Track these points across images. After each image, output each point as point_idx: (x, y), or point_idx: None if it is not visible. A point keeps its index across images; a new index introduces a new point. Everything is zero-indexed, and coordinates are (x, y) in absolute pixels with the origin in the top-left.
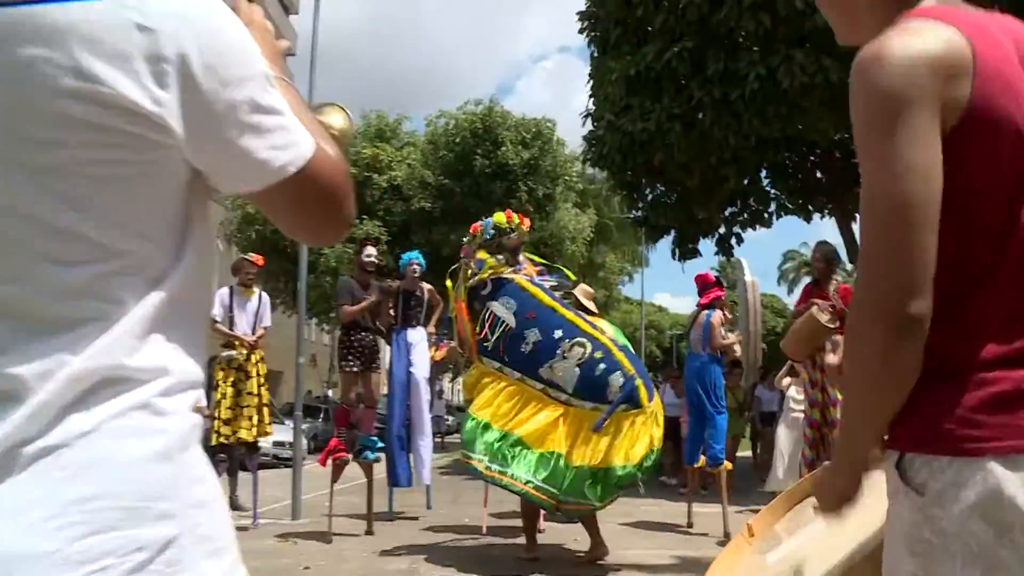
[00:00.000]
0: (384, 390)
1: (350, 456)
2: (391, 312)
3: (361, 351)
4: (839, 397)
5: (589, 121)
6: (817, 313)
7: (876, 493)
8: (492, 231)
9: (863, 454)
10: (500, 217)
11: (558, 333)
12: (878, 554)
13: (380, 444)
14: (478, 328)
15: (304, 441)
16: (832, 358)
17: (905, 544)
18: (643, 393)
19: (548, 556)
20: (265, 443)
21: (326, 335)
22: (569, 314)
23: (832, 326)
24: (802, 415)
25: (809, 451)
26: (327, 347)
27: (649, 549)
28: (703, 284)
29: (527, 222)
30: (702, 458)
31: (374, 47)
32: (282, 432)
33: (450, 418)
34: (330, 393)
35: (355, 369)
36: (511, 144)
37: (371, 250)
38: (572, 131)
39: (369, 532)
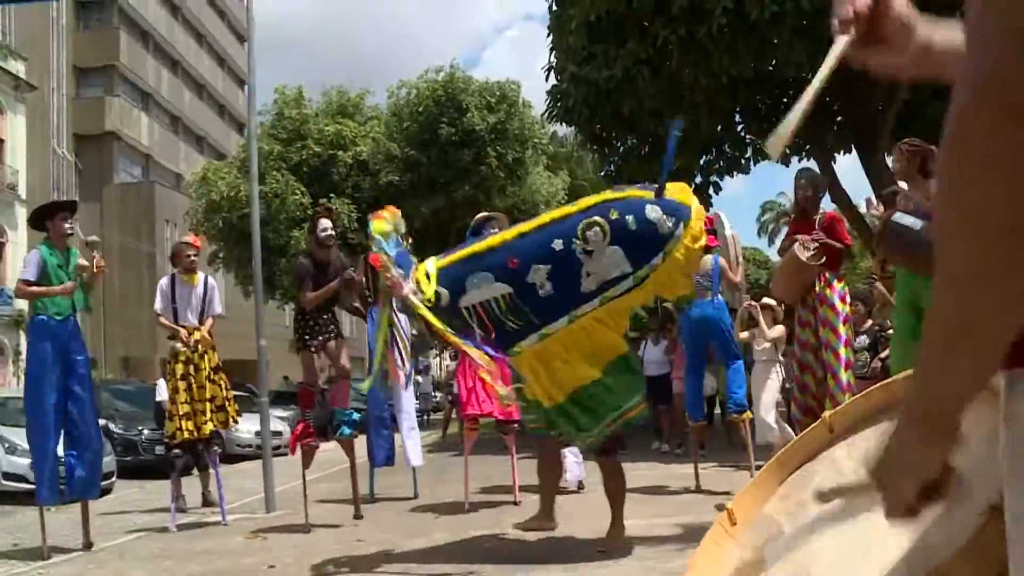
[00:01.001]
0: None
1: (317, 442)
2: (366, 290)
3: (319, 328)
4: (831, 339)
5: (552, 76)
6: (799, 250)
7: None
8: (393, 239)
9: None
10: (380, 224)
11: (557, 244)
12: (975, 558)
13: (356, 417)
14: (479, 332)
15: (284, 428)
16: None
17: None
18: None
19: (535, 532)
20: (247, 434)
21: None
22: (542, 220)
23: (815, 262)
24: (762, 364)
25: (800, 396)
26: None
27: (651, 518)
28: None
29: (393, 209)
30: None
31: (335, 27)
32: (272, 422)
33: (437, 395)
34: (300, 381)
35: (314, 347)
36: (476, 110)
37: (325, 222)
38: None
39: (357, 516)
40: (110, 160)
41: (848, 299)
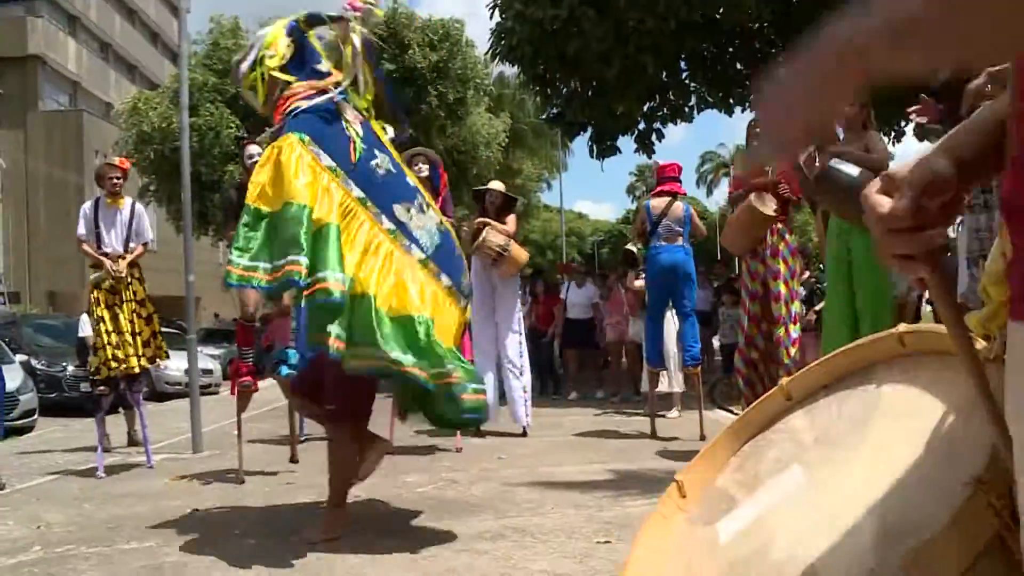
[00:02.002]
0: None
1: (252, 382)
2: None
3: None
4: (783, 291)
5: (496, 13)
6: (756, 202)
7: (907, 419)
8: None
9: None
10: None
11: (410, 180)
12: (963, 528)
13: (298, 357)
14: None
15: (215, 366)
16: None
17: None
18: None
19: (471, 479)
20: (177, 372)
21: None
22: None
23: (776, 215)
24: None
25: (746, 348)
26: None
27: (586, 464)
28: (673, 174)
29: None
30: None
31: None
32: (201, 360)
33: None
34: (237, 317)
35: None
36: (418, 47)
37: (253, 148)
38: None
39: (293, 460)
40: (35, 85)
41: (796, 253)
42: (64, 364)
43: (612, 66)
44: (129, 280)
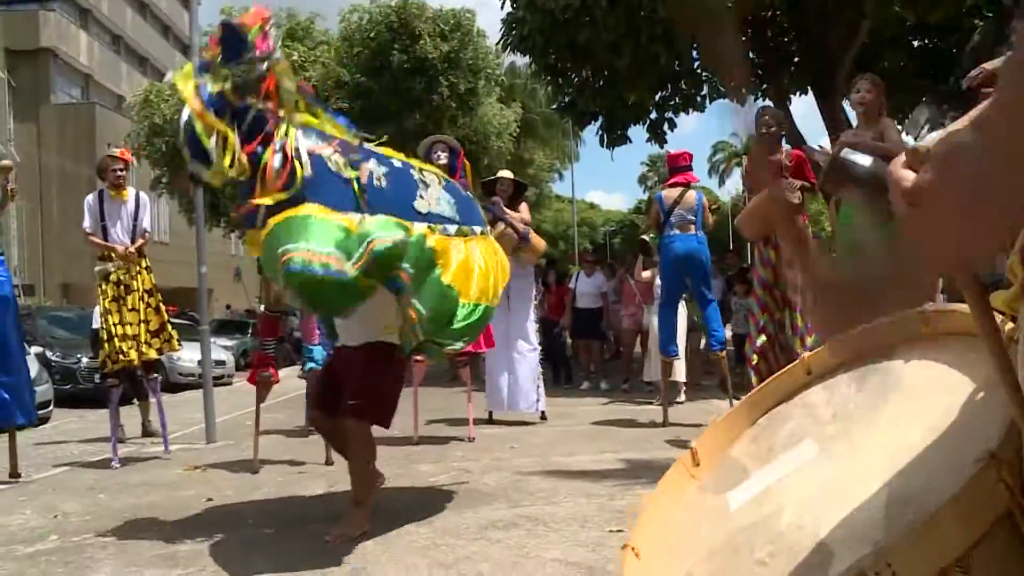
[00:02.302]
0: None
1: (273, 373)
2: None
3: None
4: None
5: (508, 2)
6: (787, 193)
7: (925, 397)
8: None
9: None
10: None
11: (396, 162)
12: (970, 505)
13: (324, 354)
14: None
15: (227, 357)
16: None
17: None
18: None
19: (483, 468)
20: (190, 363)
21: None
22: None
23: (798, 201)
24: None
25: (756, 336)
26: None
27: (599, 453)
28: (685, 163)
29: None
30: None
31: None
32: (213, 351)
33: None
34: (263, 307)
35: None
36: (429, 37)
37: None
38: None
39: (328, 462)
40: (47, 79)
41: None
42: (78, 356)
43: (623, 56)
44: (137, 271)
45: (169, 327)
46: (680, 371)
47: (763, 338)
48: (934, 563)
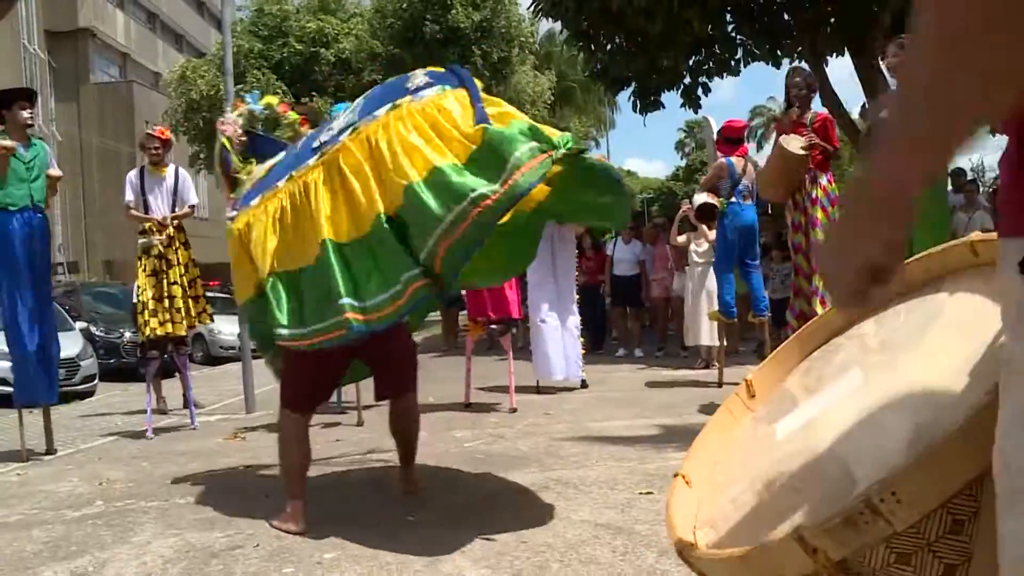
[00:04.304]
0: None
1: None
2: None
3: None
4: (818, 239)
5: None
6: (785, 142)
7: (964, 328)
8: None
9: (921, 173)
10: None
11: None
12: (976, 437)
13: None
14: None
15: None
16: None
17: None
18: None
19: (517, 434)
20: (230, 336)
21: None
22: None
23: (803, 152)
24: (702, 267)
25: (794, 300)
26: None
27: (632, 419)
28: (743, 134)
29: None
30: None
31: None
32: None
33: None
34: None
35: None
36: (461, 7)
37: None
38: None
39: (360, 423)
40: (85, 59)
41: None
42: (121, 331)
43: (656, 21)
44: (176, 245)
45: (204, 300)
46: (712, 336)
47: (802, 302)
48: (940, 492)
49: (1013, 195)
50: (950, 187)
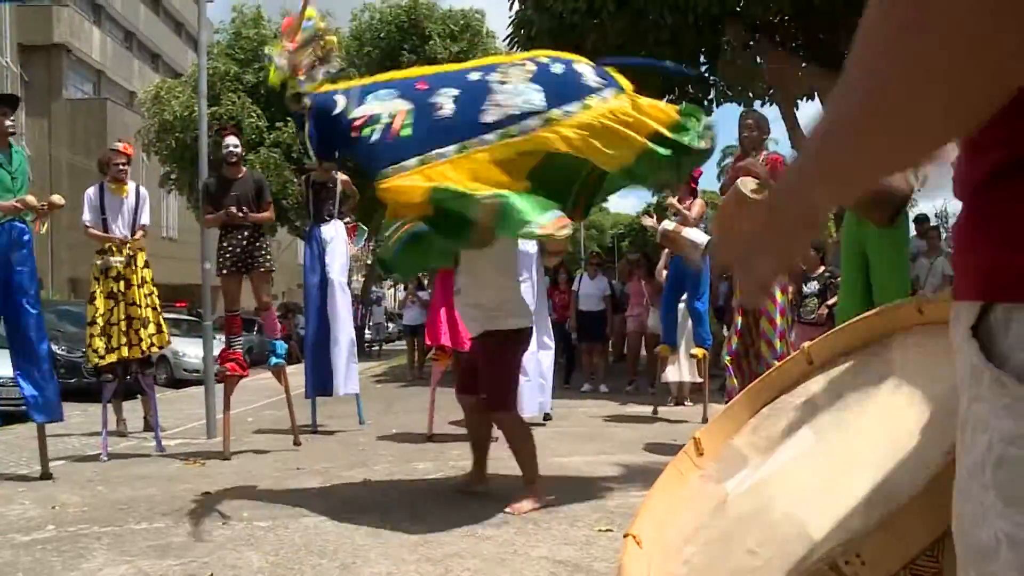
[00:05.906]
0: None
1: (229, 368)
2: (309, 206)
3: (234, 253)
4: (768, 306)
5: (516, 2)
6: (741, 184)
7: (913, 386)
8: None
9: (852, 187)
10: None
11: (474, 75)
12: (936, 498)
13: (284, 347)
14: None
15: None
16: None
17: (993, 474)
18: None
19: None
20: (195, 359)
21: None
22: (468, 64)
23: (758, 196)
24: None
25: (735, 340)
26: None
27: (596, 455)
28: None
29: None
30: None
31: None
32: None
33: (391, 325)
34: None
35: (225, 272)
36: (439, 38)
37: (230, 139)
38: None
39: (296, 444)
40: (59, 74)
41: None
42: (83, 350)
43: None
44: (138, 266)
45: (162, 321)
46: (686, 372)
47: (735, 340)
48: (902, 553)
49: (967, 259)
50: (913, 232)
